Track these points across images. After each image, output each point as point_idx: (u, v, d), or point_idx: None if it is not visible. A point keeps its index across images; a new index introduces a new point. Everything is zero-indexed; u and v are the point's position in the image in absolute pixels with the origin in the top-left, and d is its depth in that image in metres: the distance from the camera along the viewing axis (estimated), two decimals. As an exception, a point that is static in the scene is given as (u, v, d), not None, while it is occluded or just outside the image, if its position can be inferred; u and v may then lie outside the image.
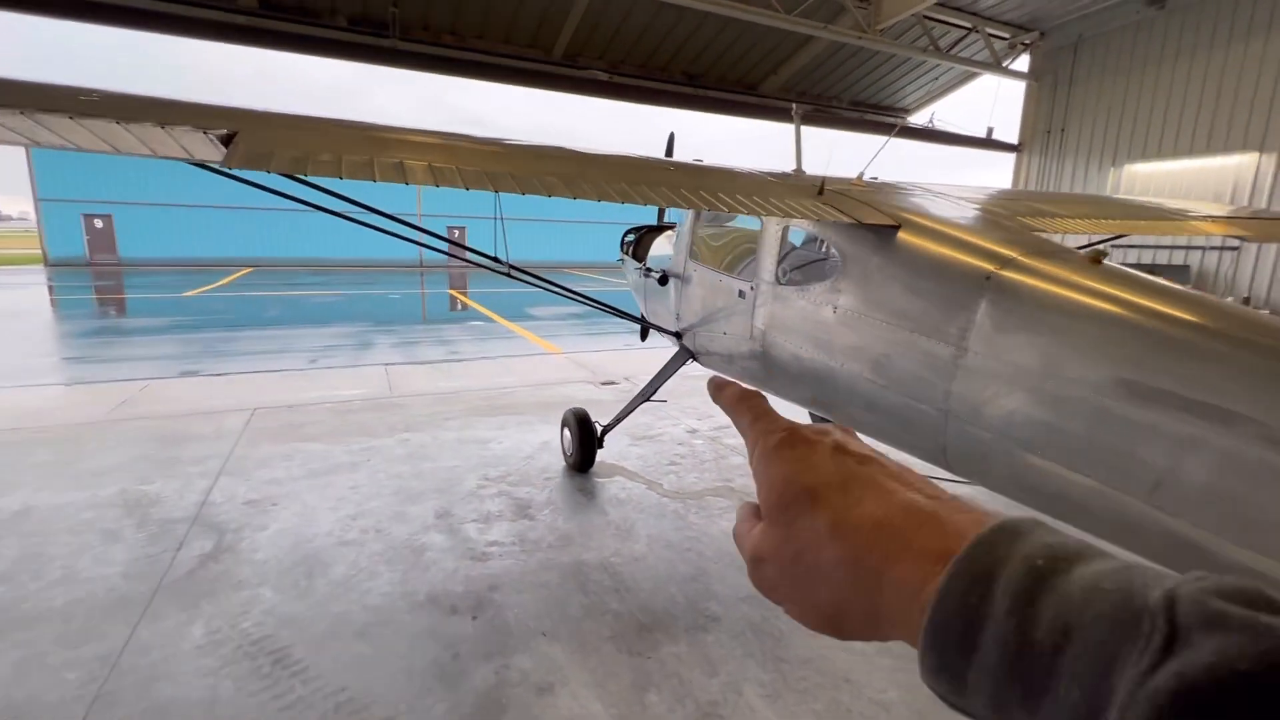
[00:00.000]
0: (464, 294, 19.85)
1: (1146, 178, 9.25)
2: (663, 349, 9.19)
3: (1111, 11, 9.37)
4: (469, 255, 4.02)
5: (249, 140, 2.03)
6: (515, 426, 6.09)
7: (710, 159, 3.88)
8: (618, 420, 4.99)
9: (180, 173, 25.42)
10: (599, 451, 5.00)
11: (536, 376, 8.25)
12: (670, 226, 6.05)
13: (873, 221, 3.08)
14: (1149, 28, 9.12)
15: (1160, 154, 9.12)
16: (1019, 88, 11.07)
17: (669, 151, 6.35)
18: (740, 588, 3.39)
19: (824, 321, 3.33)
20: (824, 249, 3.52)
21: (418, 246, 4.20)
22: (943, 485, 0.44)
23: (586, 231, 33.54)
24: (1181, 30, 8.77)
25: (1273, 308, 7.87)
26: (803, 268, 3.62)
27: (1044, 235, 3.05)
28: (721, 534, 4.01)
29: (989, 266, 2.67)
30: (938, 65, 10.57)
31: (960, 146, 11.68)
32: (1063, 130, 10.37)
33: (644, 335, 6.72)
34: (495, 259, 4.10)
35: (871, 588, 0.37)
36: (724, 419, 6.39)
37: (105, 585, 3.27)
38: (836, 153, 4.55)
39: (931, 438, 2.83)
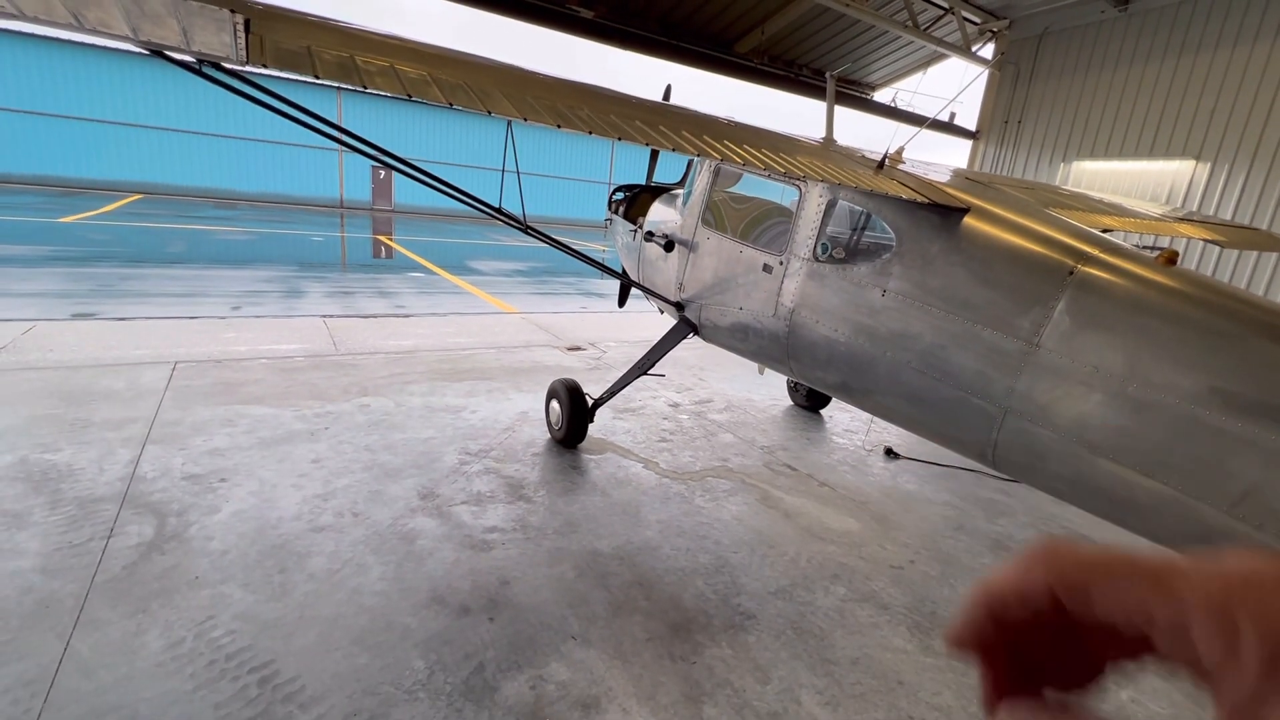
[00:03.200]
0: (392, 240, 18.42)
1: (1093, 175, 9.74)
2: (629, 314, 8.86)
3: (1078, 8, 9.61)
4: (483, 208, 3.48)
5: (272, 32, 1.50)
6: (486, 394, 5.62)
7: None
8: (612, 393, 4.67)
9: (43, 72, 21.73)
10: (590, 426, 4.67)
11: (495, 338, 7.71)
12: (665, 188, 5.66)
13: (941, 202, 2.88)
14: (1110, 28, 9.44)
15: (1108, 154, 9.60)
16: (970, 74, 11.28)
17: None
18: (769, 581, 3.24)
19: (870, 305, 3.13)
20: (874, 226, 3.30)
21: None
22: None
23: (551, 186, 32.32)
24: (1139, 35, 9.14)
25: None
26: (847, 245, 3.39)
27: (1111, 233, 3.01)
28: (733, 520, 3.83)
29: (1069, 261, 2.54)
30: (910, 43, 10.54)
31: (922, 128, 11.81)
32: (1019, 122, 10.69)
33: (622, 300, 6.36)
34: (499, 211, 3.60)
35: None
36: (705, 393, 6.23)
37: (18, 585, 2.64)
38: (793, 124, 4.32)
39: (981, 434, 2.73)
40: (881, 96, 12.90)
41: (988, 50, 11.05)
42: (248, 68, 1.61)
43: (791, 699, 2.46)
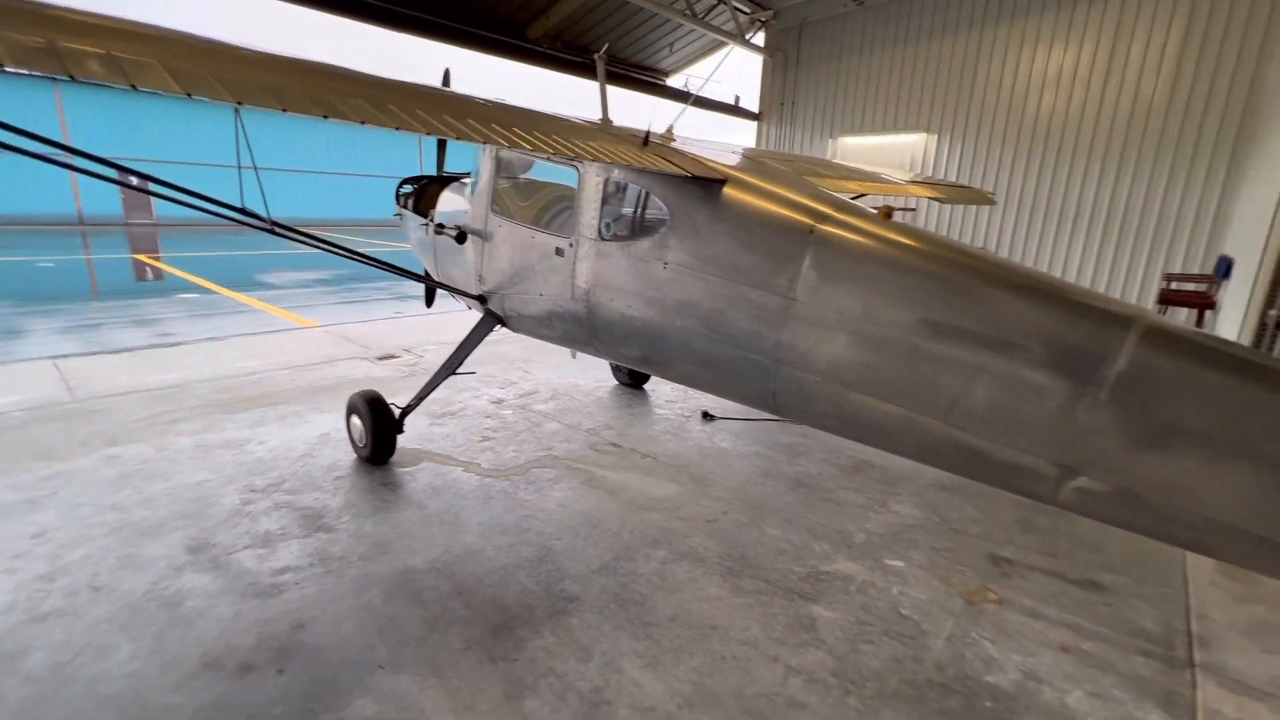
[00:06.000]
0: (157, 259, 15.68)
1: (855, 149, 11.18)
2: (448, 314, 8.41)
3: (825, 1, 10.86)
4: (221, 211, 3.00)
5: None
6: (278, 421, 4.98)
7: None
8: (419, 399, 4.38)
9: None
10: (399, 437, 4.34)
11: (290, 357, 6.88)
12: (454, 178, 5.40)
13: (701, 175, 3.04)
14: (853, 20, 10.84)
15: (863, 130, 11.07)
16: (748, 60, 12.36)
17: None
18: (592, 560, 3.26)
19: (654, 278, 3.25)
20: (650, 203, 3.41)
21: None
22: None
23: (335, 185, 29.13)
24: (876, 26, 10.61)
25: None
26: (628, 222, 3.48)
27: (845, 194, 3.42)
28: (558, 507, 3.80)
29: (809, 221, 2.82)
30: (693, 30, 11.17)
31: (711, 111, 12.65)
32: (793, 103, 11.90)
33: (429, 300, 6.02)
34: (245, 211, 3.14)
35: None
36: (530, 385, 6.12)
37: None
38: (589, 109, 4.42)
39: (762, 385, 2.97)
40: (675, 82, 13.55)
41: (763, 39, 12.09)
42: None
43: (614, 670, 2.50)
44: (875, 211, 2.99)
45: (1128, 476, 2.10)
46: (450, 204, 4.79)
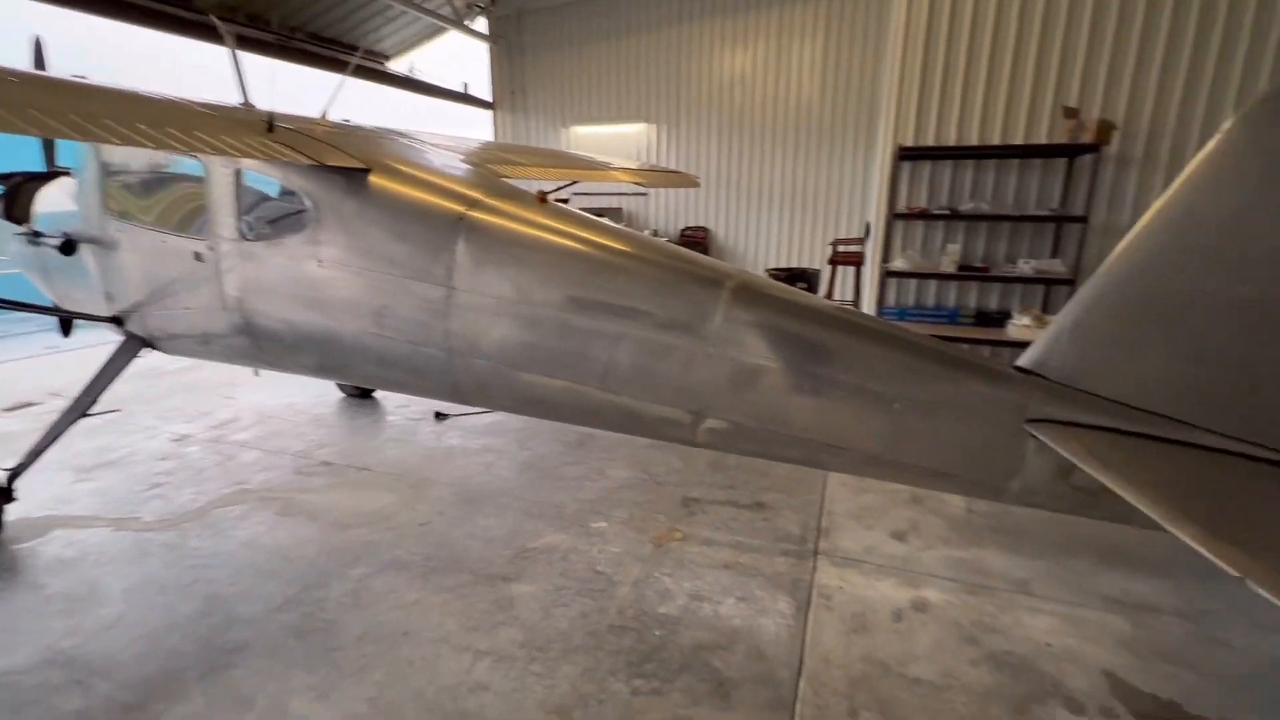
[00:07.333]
0: None
1: (585, 138, 11.66)
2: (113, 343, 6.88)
3: (540, -8, 11.03)
4: None
5: None
6: None
7: (127, 83, 2.83)
8: (34, 455, 3.48)
9: None
10: (9, 507, 3.41)
11: None
12: (59, 173, 4.37)
13: (337, 164, 2.84)
14: (574, 11, 11.20)
15: (592, 120, 11.59)
16: (471, 47, 12.11)
17: (39, 65, 4.45)
18: (273, 597, 2.91)
19: (311, 278, 2.99)
20: (292, 196, 3.09)
21: None
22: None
23: None
24: (590, 18, 11.12)
25: (665, 235, 11.21)
26: (272, 219, 3.12)
27: (506, 180, 3.45)
28: (240, 546, 3.32)
29: (459, 208, 2.81)
30: (408, 13, 10.50)
31: (437, 99, 12.16)
32: (524, 92, 11.94)
33: (65, 329, 4.84)
34: None
35: None
36: (229, 413, 5.29)
37: None
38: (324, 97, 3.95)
39: (444, 378, 2.92)
40: (399, 66, 12.66)
41: (486, 25, 11.85)
42: None
43: (279, 713, 2.26)
44: (531, 195, 3.07)
45: (736, 412, 2.46)
46: (55, 205, 3.86)
